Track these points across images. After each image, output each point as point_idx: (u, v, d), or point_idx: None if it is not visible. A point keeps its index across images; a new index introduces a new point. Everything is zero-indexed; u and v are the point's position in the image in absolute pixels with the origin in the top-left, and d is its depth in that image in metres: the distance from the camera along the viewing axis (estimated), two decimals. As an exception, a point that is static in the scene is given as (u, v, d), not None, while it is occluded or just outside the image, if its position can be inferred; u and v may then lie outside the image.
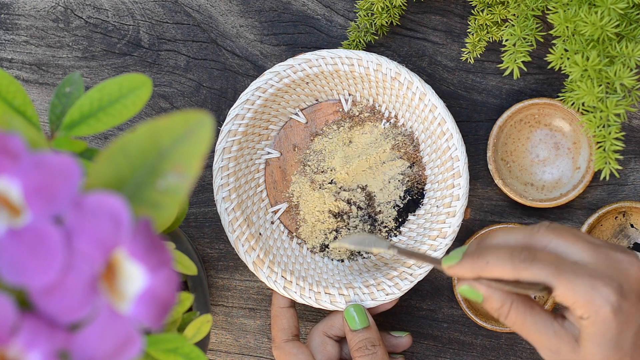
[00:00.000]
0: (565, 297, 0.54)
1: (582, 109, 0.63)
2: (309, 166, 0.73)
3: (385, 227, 0.73)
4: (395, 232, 0.73)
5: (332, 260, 0.73)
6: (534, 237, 0.56)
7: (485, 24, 0.71)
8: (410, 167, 0.73)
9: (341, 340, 0.71)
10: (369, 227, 0.73)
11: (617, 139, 0.62)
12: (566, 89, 0.68)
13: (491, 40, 0.73)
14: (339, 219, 0.73)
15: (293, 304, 0.71)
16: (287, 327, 0.69)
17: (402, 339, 0.71)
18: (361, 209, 0.73)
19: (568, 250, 0.55)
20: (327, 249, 0.73)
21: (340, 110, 0.74)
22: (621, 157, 0.63)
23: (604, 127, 0.62)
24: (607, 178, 0.64)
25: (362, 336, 0.67)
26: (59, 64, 0.77)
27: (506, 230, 0.58)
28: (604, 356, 0.55)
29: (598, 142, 0.63)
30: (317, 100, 0.74)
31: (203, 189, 0.77)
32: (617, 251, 0.56)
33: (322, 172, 0.73)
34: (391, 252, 0.66)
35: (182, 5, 0.76)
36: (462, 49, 0.73)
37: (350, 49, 0.73)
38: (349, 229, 0.73)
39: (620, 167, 0.63)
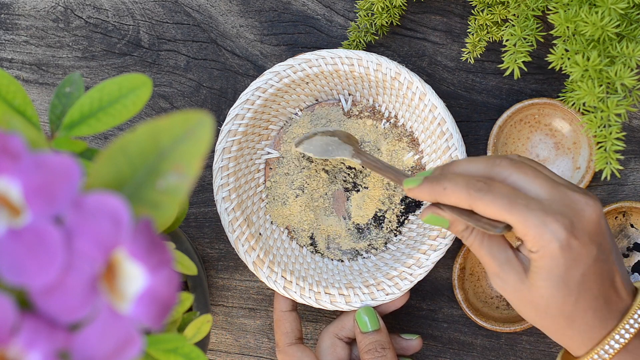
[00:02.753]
0: (517, 229, 0.55)
1: (583, 109, 0.63)
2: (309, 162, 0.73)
3: (385, 226, 0.73)
4: (395, 231, 0.73)
5: (332, 260, 0.73)
6: (495, 169, 0.57)
7: (485, 24, 0.71)
8: (412, 167, 0.73)
9: (351, 342, 0.71)
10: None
11: (618, 139, 0.62)
12: (566, 89, 0.68)
13: (491, 40, 0.73)
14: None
15: (295, 307, 0.71)
16: (290, 331, 0.69)
17: (413, 342, 0.71)
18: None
19: (527, 185, 0.56)
20: (329, 248, 0.73)
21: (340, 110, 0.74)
22: (621, 157, 0.63)
23: (604, 127, 0.62)
24: (609, 178, 0.64)
25: (372, 339, 0.67)
26: (59, 64, 0.77)
27: (469, 159, 0.59)
28: (548, 292, 0.55)
29: (599, 142, 0.63)
30: (317, 100, 0.74)
31: (203, 189, 0.77)
32: (576, 191, 0.56)
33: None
34: (355, 161, 0.66)
35: (182, 5, 0.76)
36: (462, 49, 0.73)
37: (350, 49, 0.73)
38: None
39: (621, 167, 0.63)
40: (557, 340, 0.58)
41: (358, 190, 0.73)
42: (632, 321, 0.56)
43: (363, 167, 0.70)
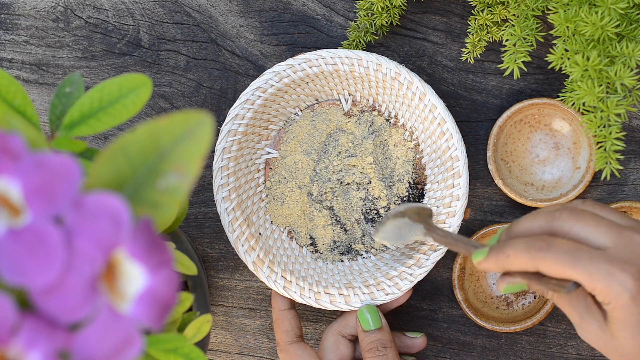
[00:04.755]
0: (585, 285, 0.53)
1: (583, 109, 0.63)
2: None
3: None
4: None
5: (332, 260, 0.73)
6: (555, 223, 0.55)
7: (485, 24, 0.71)
8: (413, 167, 0.73)
9: (355, 340, 0.71)
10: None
11: (618, 138, 0.62)
12: (566, 89, 0.68)
13: (491, 40, 0.73)
14: (335, 216, 0.73)
15: (293, 305, 0.71)
16: (290, 329, 0.69)
17: (417, 340, 0.71)
18: (363, 208, 0.73)
19: (590, 236, 0.54)
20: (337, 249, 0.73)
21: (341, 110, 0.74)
22: (621, 156, 0.63)
23: (604, 127, 0.62)
24: (608, 178, 0.64)
25: (374, 337, 0.67)
26: (59, 64, 0.77)
27: (530, 216, 0.57)
28: (629, 342, 0.54)
29: (599, 142, 0.63)
30: (317, 100, 0.74)
31: (203, 189, 0.77)
32: None
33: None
34: (427, 239, 0.65)
35: (182, 5, 0.76)
36: (462, 49, 0.73)
37: (350, 49, 0.73)
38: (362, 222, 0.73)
39: (621, 167, 0.63)
40: None
41: (359, 189, 0.73)
42: None
43: (435, 242, 0.70)
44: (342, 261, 0.73)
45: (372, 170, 0.73)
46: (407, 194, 0.73)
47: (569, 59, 0.62)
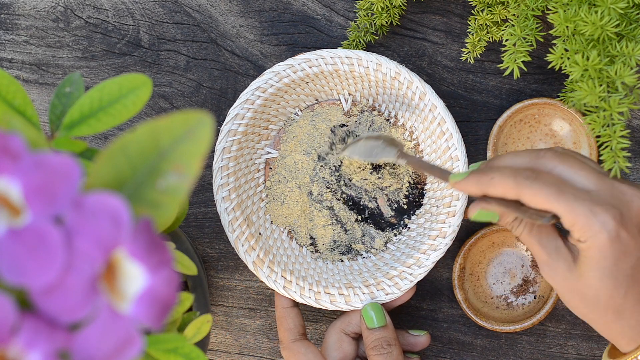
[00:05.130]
0: (565, 219, 0.54)
1: (585, 109, 0.63)
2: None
3: (385, 226, 0.73)
4: (395, 231, 0.73)
5: (332, 260, 0.73)
6: (540, 161, 0.56)
7: (485, 24, 0.71)
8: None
9: (358, 338, 0.71)
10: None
11: (622, 137, 0.62)
12: (566, 89, 0.68)
13: (491, 40, 0.73)
14: (335, 215, 0.73)
15: (296, 302, 0.71)
16: (293, 327, 0.69)
17: (421, 338, 0.71)
18: (361, 207, 0.73)
19: (573, 177, 0.55)
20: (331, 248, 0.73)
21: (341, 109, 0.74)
22: (629, 154, 0.63)
23: (608, 126, 0.62)
24: (619, 176, 0.64)
25: (378, 335, 0.67)
26: (59, 64, 0.77)
27: (514, 153, 0.58)
28: (597, 283, 0.54)
29: (604, 142, 0.63)
30: (317, 100, 0.74)
31: (203, 189, 0.77)
32: (623, 183, 0.55)
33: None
34: (400, 161, 0.66)
35: (182, 5, 0.76)
36: (462, 49, 0.73)
37: (350, 48, 0.73)
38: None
39: (629, 164, 0.62)
40: (604, 334, 0.57)
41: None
42: None
43: (407, 166, 0.70)
44: (342, 261, 0.73)
45: (372, 170, 0.73)
46: (407, 193, 0.73)
47: (568, 58, 0.62)
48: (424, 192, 0.73)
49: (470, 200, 0.69)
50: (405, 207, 0.73)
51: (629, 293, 0.54)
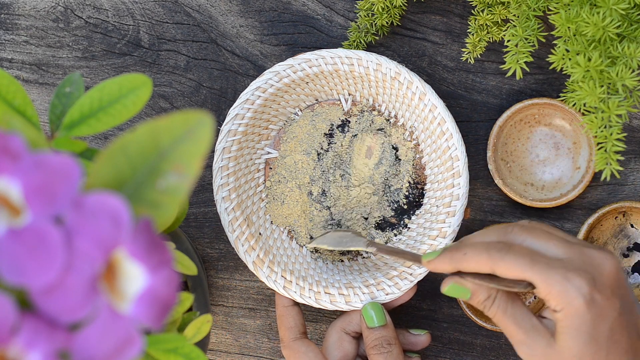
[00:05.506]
0: (540, 288, 0.55)
1: (584, 110, 0.63)
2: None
3: (385, 226, 0.73)
4: (395, 231, 0.73)
5: (332, 260, 0.73)
6: (508, 236, 0.58)
7: (486, 24, 0.71)
8: (412, 167, 0.73)
9: (359, 337, 0.71)
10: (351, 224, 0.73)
11: (618, 139, 0.62)
12: (567, 90, 0.68)
13: (491, 41, 0.73)
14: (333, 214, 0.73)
15: (297, 301, 0.71)
16: (293, 326, 0.69)
17: (421, 337, 0.71)
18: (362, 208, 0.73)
19: (543, 248, 0.56)
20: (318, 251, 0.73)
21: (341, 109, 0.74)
22: (622, 157, 0.63)
23: (605, 127, 0.62)
24: (609, 179, 0.64)
25: (378, 334, 0.67)
26: (59, 64, 0.77)
27: (483, 231, 0.59)
28: (579, 350, 0.55)
29: (599, 143, 0.63)
30: (317, 100, 0.74)
31: (203, 189, 0.77)
32: (591, 248, 0.57)
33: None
34: (370, 249, 0.67)
35: (182, 5, 0.76)
36: (462, 49, 0.73)
37: (351, 49, 0.73)
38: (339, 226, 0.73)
39: (621, 168, 0.63)
40: None
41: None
42: None
43: (375, 255, 0.72)
44: (342, 261, 0.73)
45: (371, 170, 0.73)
46: (407, 193, 0.73)
47: (570, 59, 0.62)
48: (424, 192, 0.73)
49: (472, 199, 0.69)
50: (405, 207, 0.73)
51: (610, 354, 0.55)
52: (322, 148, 0.73)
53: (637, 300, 0.58)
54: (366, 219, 0.73)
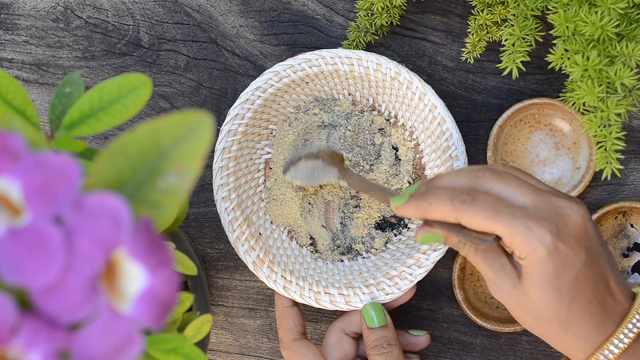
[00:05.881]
0: (504, 239, 0.55)
1: (583, 109, 0.63)
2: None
3: (385, 226, 0.73)
4: (395, 231, 0.73)
5: (332, 260, 0.73)
6: (478, 181, 0.57)
7: (485, 24, 0.71)
8: (412, 166, 0.73)
9: (359, 338, 0.71)
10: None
11: (618, 138, 0.62)
12: (566, 89, 0.68)
13: (491, 40, 0.73)
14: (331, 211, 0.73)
15: (296, 302, 0.71)
16: (293, 326, 0.69)
17: (420, 338, 0.71)
18: (359, 207, 0.73)
19: (511, 195, 0.56)
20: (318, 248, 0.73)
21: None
22: (622, 156, 0.63)
23: (604, 127, 0.62)
24: (609, 178, 0.64)
25: (378, 334, 0.67)
26: (59, 64, 0.77)
27: (454, 172, 0.59)
28: (540, 297, 0.55)
29: (599, 142, 0.63)
30: (317, 100, 0.74)
31: (203, 189, 0.77)
32: (560, 197, 0.56)
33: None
34: (341, 182, 0.66)
35: (182, 5, 0.76)
36: (462, 49, 0.73)
37: (350, 48, 0.73)
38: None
39: (621, 167, 0.63)
40: (555, 347, 0.58)
41: (358, 207, 0.73)
42: (630, 325, 0.56)
43: (348, 188, 0.71)
44: (342, 261, 0.73)
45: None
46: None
47: (569, 59, 0.62)
48: (424, 192, 0.73)
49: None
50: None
51: (573, 304, 0.55)
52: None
53: (608, 251, 0.57)
54: (366, 218, 0.73)
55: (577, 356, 0.57)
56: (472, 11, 0.72)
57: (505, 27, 0.67)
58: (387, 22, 0.72)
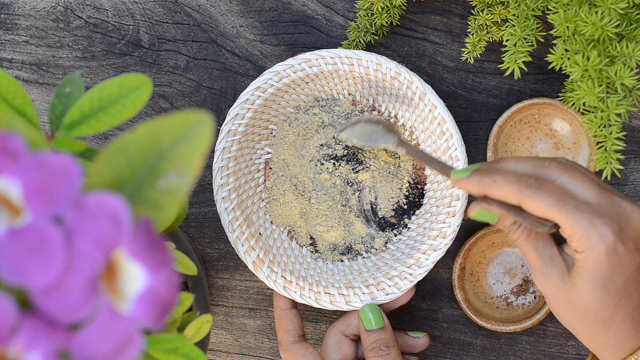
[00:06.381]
0: (564, 229, 0.55)
1: (583, 109, 0.63)
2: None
3: (385, 226, 0.73)
4: (395, 231, 0.73)
5: (332, 260, 0.73)
6: (543, 170, 0.57)
7: (485, 24, 0.71)
8: (412, 166, 0.73)
9: (358, 340, 0.71)
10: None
11: (618, 138, 0.62)
12: (566, 89, 0.68)
13: (491, 40, 0.73)
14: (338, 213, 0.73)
15: (295, 304, 0.71)
16: (292, 329, 0.69)
17: (420, 340, 0.71)
18: (362, 208, 0.73)
19: (575, 188, 0.56)
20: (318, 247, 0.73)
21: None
22: (622, 156, 0.63)
23: (605, 127, 0.62)
24: (609, 178, 0.64)
25: (376, 336, 0.67)
26: (59, 64, 0.77)
27: (518, 158, 0.59)
28: (589, 293, 0.55)
29: (599, 142, 0.63)
30: (317, 100, 0.74)
31: (203, 189, 0.77)
32: (623, 198, 0.56)
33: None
34: (399, 150, 0.66)
35: (182, 5, 0.76)
36: (462, 49, 0.73)
37: (350, 48, 0.73)
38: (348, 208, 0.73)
39: (621, 167, 0.63)
40: (589, 345, 0.58)
41: (361, 190, 0.73)
42: None
43: (406, 156, 0.70)
44: (342, 261, 0.73)
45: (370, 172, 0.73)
46: (407, 193, 0.73)
47: (569, 59, 0.62)
48: (424, 192, 0.73)
49: (471, 199, 0.69)
50: (405, 207, 0.73)
51: (619, 306, 0.55)
52: (316, 147, 0.73)
53: None
54: (369, 218, 0.73)
55: (610, 358, 0.57)
56: (472, 11, 0.72)
57: (505, 27, 0.67)
58: (387, 22, 0.72)
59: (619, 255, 0.54)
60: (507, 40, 0.65)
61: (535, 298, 0.74)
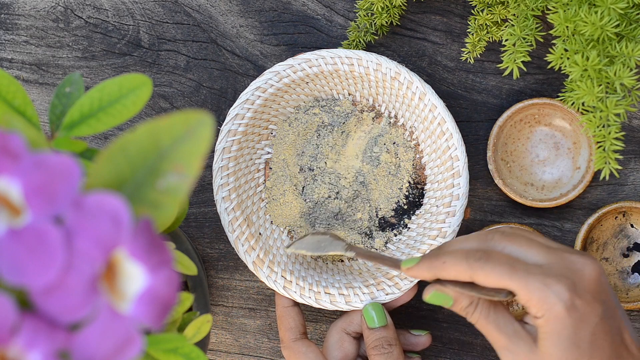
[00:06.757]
0: (519, 295, 0.55)
1: (582, 109, 0.63)
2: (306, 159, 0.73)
3: (385, 226, 0.73)
4: (395, 231, 0.73)
5: (332, 260, 0.73)
6: (489, 242, 0.57)
7: (485, 24, 0.71)
8: (412, 166, 0.73)
9: (359, 338, 0.71)
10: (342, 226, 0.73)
11: (617, 138, 0.62)
12: (566, 89, 0.68)
13: (491, 40, 0.73)
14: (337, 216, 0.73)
15: (297, 302, 0.71)
16: (294, 326, 0.69)
17: (421, 338, 0.71)
18: (360, 210, 0.73)
19: (523, 254, 0.56)
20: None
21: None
22: (621, 157, 0.63)
23: (603, 127, 0.62)
24: (607, 178, 0.64)
25: (379, 335, 0.67)
26: (59, 64, 0.77)
27: (462, 238, 0.59)
28: (560, 355, 0.55)
29: (598, 142, 0.63)
30: (317, 100, 0.74)
31: (203, 189, 0.77)
32: (572, 253, 0.56)
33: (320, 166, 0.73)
34: (348, 253, 0.67)
35: (182, 5, 0.76)
36: (462, 49, 0.73)
37: (350, 48, 0.73)
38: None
39: (620, 167, 0.63)
40: None
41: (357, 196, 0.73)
42: None
43: (355, 259, 0.72)
44: (342, 261, 0.73)
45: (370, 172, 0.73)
46: (407, 193, 0.73)
47: (568, 58, 0.62)
48: (424, 192, 0.73)
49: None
50: (405, 207, 0.73)
51: (593, 358, 0.55)
52: (315, 147, 0.73)
53: (619, 303, 0.57)
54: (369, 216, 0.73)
55: None
56: (472, 11, 0.72)
57: (505, 27, 0.67)
58: (387, 22, 0.72)
59: (579, 310, 0.54)
60: (506, 40, 0.65)
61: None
